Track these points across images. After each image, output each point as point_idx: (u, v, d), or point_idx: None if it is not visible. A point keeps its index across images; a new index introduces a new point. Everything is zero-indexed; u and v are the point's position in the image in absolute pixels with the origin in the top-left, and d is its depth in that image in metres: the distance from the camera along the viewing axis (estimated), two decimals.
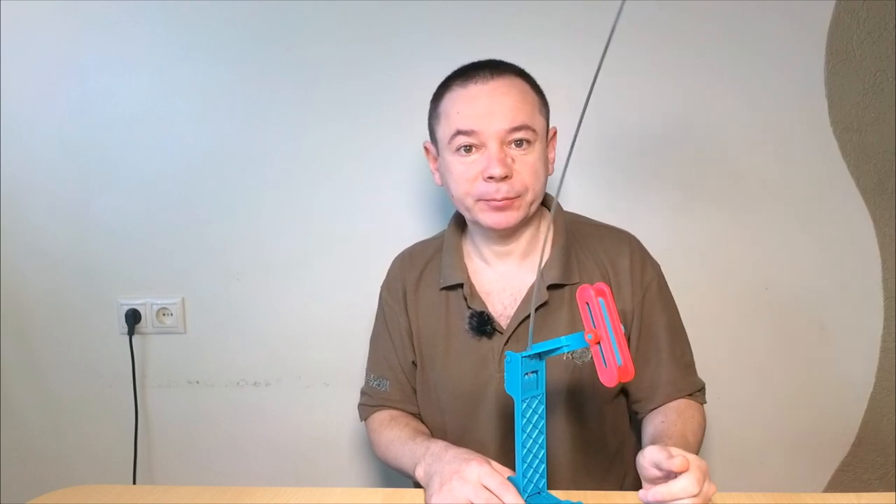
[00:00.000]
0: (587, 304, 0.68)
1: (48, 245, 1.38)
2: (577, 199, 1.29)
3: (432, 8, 1.27)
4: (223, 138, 1.33)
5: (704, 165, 1.29)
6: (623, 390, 1.03)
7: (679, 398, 0.99)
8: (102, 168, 1.35)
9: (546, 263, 0.97)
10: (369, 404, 1.08)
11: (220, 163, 1.34)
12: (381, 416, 1.05)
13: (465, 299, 0.98)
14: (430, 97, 1.00)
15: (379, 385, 1.08)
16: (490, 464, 0.79)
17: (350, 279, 1.35)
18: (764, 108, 1.27)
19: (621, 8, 0.59)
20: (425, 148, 1.04)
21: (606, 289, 0.67)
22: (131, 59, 1.32)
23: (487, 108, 0.90)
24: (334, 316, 1.36)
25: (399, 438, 0.97)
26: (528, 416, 0.74)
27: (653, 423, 0.97)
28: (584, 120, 0.64)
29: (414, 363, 1.06)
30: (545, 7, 1.26)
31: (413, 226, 1.33)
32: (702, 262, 1.31)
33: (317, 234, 1.35)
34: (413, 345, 1.05)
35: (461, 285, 0.99)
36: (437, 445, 0.87)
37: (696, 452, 0.93)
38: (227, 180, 1.34)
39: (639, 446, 1.13)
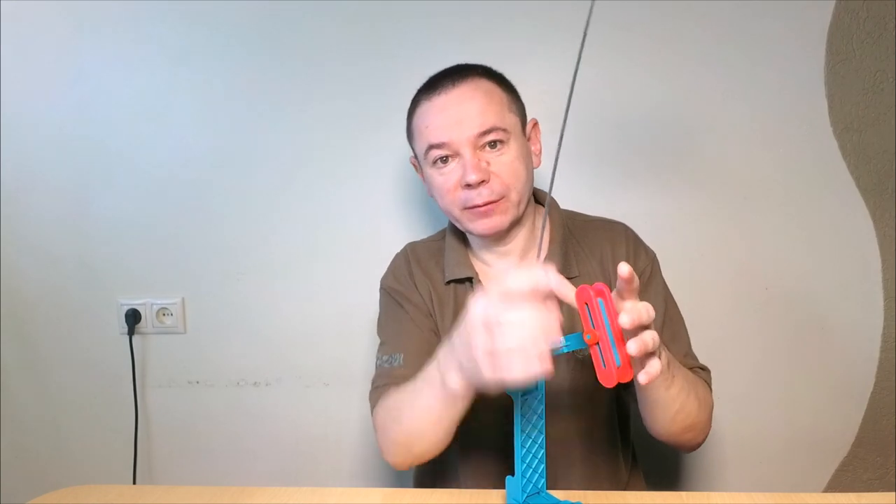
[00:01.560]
0: (586, 304, 0.68)
1: (48, 245, 1.38)
2: (575, 198, 1.28)
3: (433, 8, 1.27)
4: (223, 138, 1.33)
5: (704, 165, 1.29)
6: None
7: None
8: (102, 168, 1.35)
9: (545, 258, 0.98)
10: (379, 385, 0.94)
11: (220, 163, 1.34)
12: (387, 393, 0.90)
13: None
14: None
15: (391, 361, 0.95)
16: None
17: (350, 279, 1.35)
18: (764, 108, 1.27)
19: (592, 6, 0.58)
20: (412, 164, 1.03)
21: (606, 289, 0.67)
22: (131, 59, 1.32)
23: (455, 116, 0.90)
24: (334, 316, 1.36)
25: (408, 388, 0.83)
26: (527, 415, 0.74)
27: None
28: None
29: (434, 333, 0.98)
30: (547, 7, 1.26)
31: (413, 226, 1.33)
32: (702, 262, 1.31)
33: (317, 235, 1.35)
34: (433, 316, 0.99)
35: (470, 279, 0.99)
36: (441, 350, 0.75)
37: (692, 398, 0.83)
38: (227, 180, 1.35)
39: (636, 448, 1.13)
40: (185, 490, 0.86)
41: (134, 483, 1.40)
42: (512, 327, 0.60)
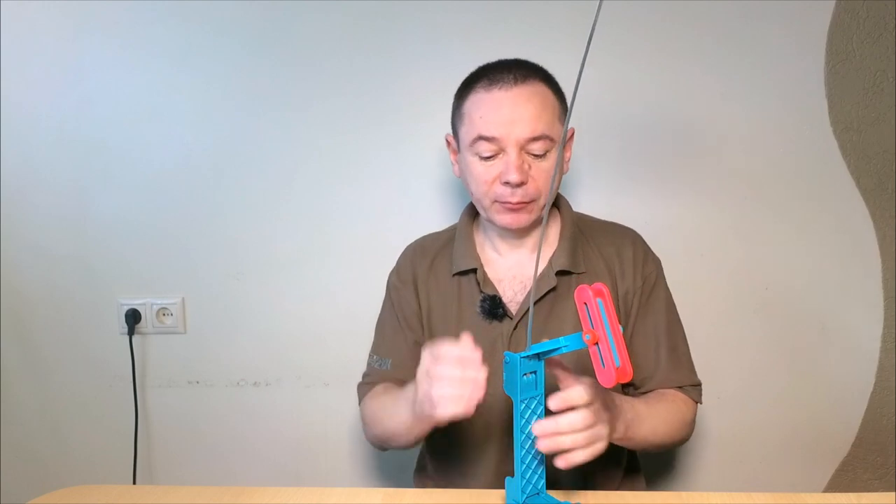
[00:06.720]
0: (585, 304, 0.68)
1: (48, 244, 1.38)
2: (578, 198, 1.29)
3: (433, 7, 1.27)
4: (223, 138, 1.33)
5: (704, 165, 1.29)
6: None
7: (670, 388, 1.01)
8: (102, 168, 1.35)
9: (555, 252, 1.01)
10: (367, 382, 1.08)
11: (220, 163, 1.34)
12: (375, 390, 1.04)
13: (479, 284, 1.00)
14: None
15: (380, 365, 1.07)
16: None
17: (350, 279, 1.35)
18: (764, 108, 1.27)
19: (599, 6, 0.59)
20: (447, 140, 1.05)
21: (605, 289, 0.67)
22: (131, 59, 1.32)
23: (510, 115, 0.91)
24: (334, 316, 1.37)
25: (391, 397, 0.97)
26: (527, 416, 0.74)
27: None
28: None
29: (418, 344, 1.04)
30: (548, 7, 1.26)
31: (413, 226, 1.32)
32: (702, 262, 1.31)
33: (317, 234, 1.35)
34: (422, 327, 1.06)
35: (474, 271, 1.01)
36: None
37: (661, 437, 0.94)
38: (227, 180, 1.34)
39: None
40: (185, 490, 0.86)
41: (134, 483, 1.40)
42: (442, 381, 0.77)
